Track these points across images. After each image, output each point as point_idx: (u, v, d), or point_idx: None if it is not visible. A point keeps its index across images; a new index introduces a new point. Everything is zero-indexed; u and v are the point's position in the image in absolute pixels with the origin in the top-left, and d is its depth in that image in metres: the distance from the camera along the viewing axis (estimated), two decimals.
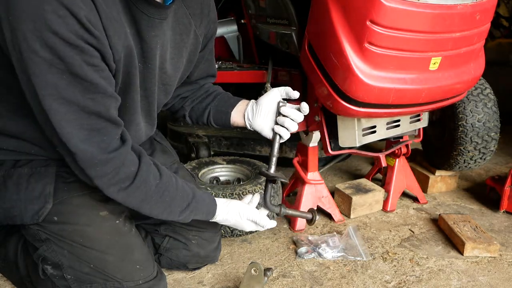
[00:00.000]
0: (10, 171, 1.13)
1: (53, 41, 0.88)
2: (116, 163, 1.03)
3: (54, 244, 1.14)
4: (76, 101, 0.95)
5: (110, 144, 1.02)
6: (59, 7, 0.86)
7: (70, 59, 0.91)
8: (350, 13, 1.34)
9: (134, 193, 1.09)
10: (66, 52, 0.90)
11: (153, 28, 1.09)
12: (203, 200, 1.24)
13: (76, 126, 0.97)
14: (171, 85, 1.28)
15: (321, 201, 1.83)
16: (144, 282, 1.19)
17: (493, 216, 1.93)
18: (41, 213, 1.12)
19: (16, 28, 0.87)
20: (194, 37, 1.27)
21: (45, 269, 1.16)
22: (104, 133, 1.01)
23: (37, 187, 1.11)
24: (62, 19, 0.87)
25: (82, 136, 0.98)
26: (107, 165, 1.02)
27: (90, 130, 0.99)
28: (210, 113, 1.42)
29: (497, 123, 1.89)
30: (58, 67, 0.91)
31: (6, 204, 1.13)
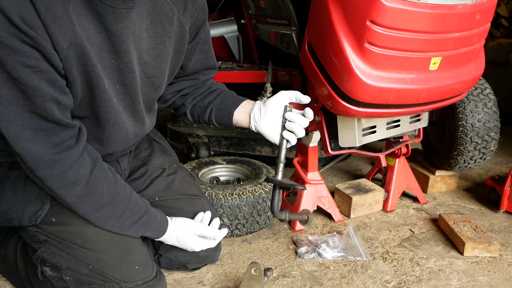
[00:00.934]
0: (7, 173, 1.13)
1: None
2: (64, 164, 1.01)
3: (52, 246, 1.14)
4: (14, 101, 0.93)
5: (58, 145, 1.00)
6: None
7: (4, 60, 0.89)
8: (350, 13, 1.34)
9: (85, 199, 1.07)
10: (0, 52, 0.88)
11: (120, 19, 1.03)
12: (155, 217, 1.23)
13: (19, 126, 0.96)
14: (158, 77, 1.22)
15: (321, 201, 1.83)
16: (143, 283, 1.19)
17: (493, 216, 1.93)
18: (39, 214, 1.12)
19: None
20: (179, 25, 1.20)
21: (44, 271, 1.16)
22: (50, 133, 0.99)
23: (34, 188, 1.11)
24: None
25: (26, 136, 0.97)
26: (54, 167, 1.01)
27: (35, 130, 0.97)
28: (212, 111, 1.39)
29: (497, 123, 1.89)
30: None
31: (4, 206, 1.13)
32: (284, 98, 1.31)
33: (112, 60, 1.06)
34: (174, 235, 1.29)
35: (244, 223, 1.65)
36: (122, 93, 1.13)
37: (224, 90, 1.44)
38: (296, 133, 1.29)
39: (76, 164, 1.04)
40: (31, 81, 0.93)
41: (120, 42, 1.05)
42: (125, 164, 1.37)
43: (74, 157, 1.03)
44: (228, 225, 1.64)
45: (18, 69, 0.90)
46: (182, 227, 1.30)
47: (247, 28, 2.11)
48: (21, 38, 0.88)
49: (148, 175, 1.42)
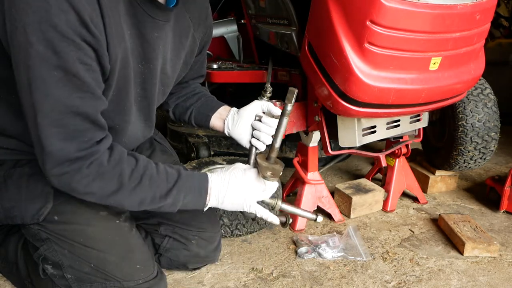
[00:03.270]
0: (11, 170, 1.14)
1: (51, 34, 0.87)
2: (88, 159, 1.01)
3: (54, 244, 1.14)
4: (64, 99, 0.93)
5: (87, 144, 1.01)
6: (63, 2, 0.86)
7: (64, 55, 0.89)
8: (350, 13, 1.34)
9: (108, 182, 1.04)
10: (62, 47, 0.89)
11: (157, 29, 1.09)
12: (191, 176, 1.16)
13: (59, 125, 0.96)
14: (169, 86, 1.30)
15: (321, 201, 1.83)
16: (144, 282, 1.19)
17: (493, 216, 1.93)
18: (42, 212, 1.12)
19: (17, 19, 0.87)
20: (192, 39, 1.29)
21: (45, 269, 1.16)
22: (85, 135, 0.99)
23: (37, 186, 1.11)
24: (64, 13, 0.86)
25: (62, 135, 0.96)
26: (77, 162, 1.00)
27: (72, 130, 0.97)
28: (192, 113, 1.48)
29: (497, 123, 1.89)
30: (50, 62, 0.89)
31: (7, 204, 1.13)
32: (256, 108, 1.41)
33: (139, 64, 1.11)
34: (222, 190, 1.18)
35: (244, 223, 1.65)
36: (140, 96, 1.18)
37: (205, 94, 1.53)
38: (262, 141, 1.37)
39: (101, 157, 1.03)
40: (86, 78, 0.94)
41: (151, 50, 1.11)
42: None
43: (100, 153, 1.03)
44: (228, 225, 1.64)
45: (77, 65, 0.92)
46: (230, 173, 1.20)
47: (247, 28, 2.11)
48: (84, 37, 0.90)
49: None
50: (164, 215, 1.39)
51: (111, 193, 1.05)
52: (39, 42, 0.87)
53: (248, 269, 1.50)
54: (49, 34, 0.87)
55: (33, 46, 0.87)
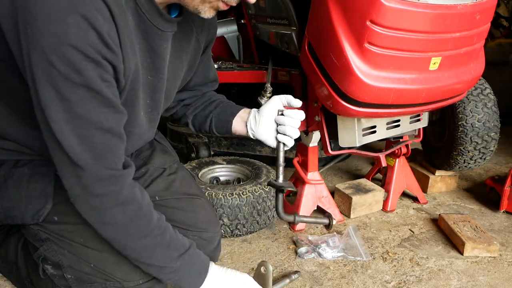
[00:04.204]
0: (11, 170, 1.13)
1: (72, 54, 0.86)
2: (123, 182, 1.01)
3: (54, 244, 1.14)
4: (90, 117, 0.93)
5: (118, 163, 1.00)
6: (82, 21, 0.85)
7: (87, 72, 0.89)
8: (350, 13, 1.34)
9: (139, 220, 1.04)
10: (84, 65, 0.88)
11: (165, 40, 1.10)
12: (199, 253, 1.19)
13: (87, 142, 0.95)
14: (172, 90, 1.29)
15: (321, 201, 1.83)
16: (144, 282, 1.19)
17: (493, 216, 1.93)
18: (42, 213, 1.12)
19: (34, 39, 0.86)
20: (196, 43, 1.27)
21: (45, 269, 1.16)
22: (113, 150, 0.99)
23: (37, 187, 1.11)
24: (84, 32, 0.86)
25: (92, 154, 0.95)
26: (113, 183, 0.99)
27: (100, 147, 0.96)
28: (212, 121, 1.42)
29: (497, 123, 1.89)
30: (73, 81, 0.89)
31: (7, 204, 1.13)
32: (277, 103, 1.34)
33: (148, 76, 1.10)
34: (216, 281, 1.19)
35: (244, 223, 1.65)
36: (150, 107, 1.18)
37: (223, 100, 1.48)
38: (289, 135, 1.30)
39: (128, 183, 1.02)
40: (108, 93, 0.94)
41: (161, 61, 1.12)
42: None
43: (130, 176, 1.03)
44: (228, 225, 1.64)
45: (99, 82, 0.92)
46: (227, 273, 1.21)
47: (247, 28, 2.11)
48: (104, 54, 0.90)
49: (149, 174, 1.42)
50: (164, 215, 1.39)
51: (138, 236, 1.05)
52: (60, 62, 0.87)
53: (248, 269, 1.50)
54: (70, 54, 0.86)
55: (55, 66, 0.87)
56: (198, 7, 1.04)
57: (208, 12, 1.06)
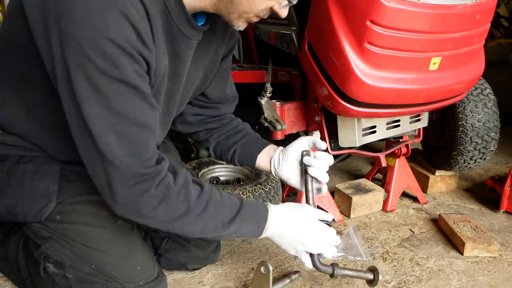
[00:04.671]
0: (14, 166, 1.13)
1: (110, 48, 0.87)
2: (155, 179, 1.00)
3: (56, 243, 1.14)
4: (125, 111, 0.93)
5: (152, 159, 1.00)
6: (120, 17, 0.86)
7: (124, 67, 0.89)
8: (350, 13, 1.34)
9: (175, 206, 1.03)
10: (121, 60, 0.89)
11: (189, 48, 1.11)
12: (252, 205, 1.17)
13: (123, 138, 0.94)
14: (185, 97, 1.29)
15: (321, 201, 1.83)
16: (145, 283, 1.19)
17: (493, 216, 1.93)
18: (44, 211, 1.11)
19: (68, 33, 0.86)
20: (214, 53, 1.27)
21: (46, 267, 1.16)
22: (148, 147, 0.99)
23: (41, 185, 1.11)
24: (122, 28, 0.87)
25: (127, 150, 0.95)
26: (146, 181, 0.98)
27: (136, 143, 0.96)
28: (235, 152, 1.42)
29: (497, 123, 1.89)
30: (110, 75, 0.89)
31: (9, 201, 1.13)
32: (303, 144, 1.34)
33: (167, 81, 1.11)
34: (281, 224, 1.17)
35: None
36: (163, 111, 1.18)
37: (248, 132, 1.47)
38: (319, 179, 1.30)
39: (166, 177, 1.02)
40: (145, 88, 0.95)
41: (182, 67, 1.12)
42: None
43: (164, 170, 1.02)
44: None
45: (135, 77, 0.92)
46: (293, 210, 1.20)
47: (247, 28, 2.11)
48: (140, 50, 0.91)
49: None
50: None
51: (177, 217, 1.04)
52: (97, 55, 0.87)
53: (248, 269, 1.50)
54: (108, 48, 0.86)
55: (91, 59, 0.86)
56: (234, 20, 1.07)
57: (242, 26, 1.09)
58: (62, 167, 1.13)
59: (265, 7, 1.04)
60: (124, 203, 0.99)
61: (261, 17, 1.08)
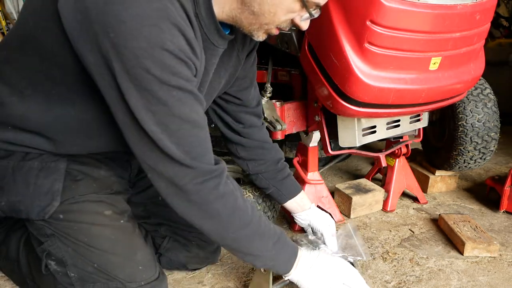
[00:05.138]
0: (20, 163, 1.13)
1: (167, 57, 0.88)
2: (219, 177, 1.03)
3: (59, 241, 1.14)
4: (186, 116, 0.95)
5: (212, 158, 1.04)
6: (172, 27, 0.88)
7: (181, 74, 0.92)
8: (350, 13, 1.34)
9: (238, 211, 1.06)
10: (178, 68, 0.90)
11: (214, 56, 1.12)
12: (288, 239, 1.21)
13: (186, 143, 0.97)
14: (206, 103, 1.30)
15: (321, 201, 1.83)
16: (146, 283, 1.19)
17: (493, 216, 1.93)
18: (48, 210, 1.12)
19: (120, 45, 0.86)
20: (236, 59, 1.29)
21: (48, 264, 1.16)
22: (208, 147, 1.03)
23: (46, 183, 1.11)
24: (174, 37, 0.88)
25: (192, 153, 0.98)
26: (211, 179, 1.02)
27: (199, 146, 1.00)
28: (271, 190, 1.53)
29: (497, 123, 1.89)
30: (169, 84, 0.90)
31: (13, 198, 1.13)
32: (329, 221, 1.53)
33: None
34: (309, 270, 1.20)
35: None
36: None
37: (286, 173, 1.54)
38: None
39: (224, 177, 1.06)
40: (197, 93, 0.98)
41: (206, 75, 1.13)
42: (135, 163, 1.38)
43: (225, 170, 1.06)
44: None
45: (191, 82, 0.95)
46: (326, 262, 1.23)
47: None
48: (191, 58, 0.93)
49: None
50: (164, 216, 1.39)
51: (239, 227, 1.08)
52: (156, 66, 0.88)
53: (248, 269, 1.50)
54: (164, 57, 0.88)
55: (150, 71, 0.88)
56: (253, 31, 1.08)
57: (262, 37, 1.10)
58: (67, 166, 1.13)
59: (286, 19, 1.05)
60: (191, 201, 1.02)
61: (281, 29, 1.09)
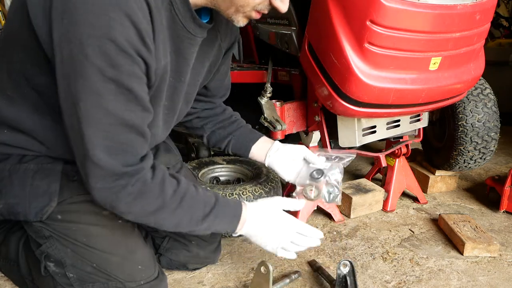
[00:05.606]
0: (16, 166, 1.13)
1: (109, 47, 0.87)
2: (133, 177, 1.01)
3: (57, 242, 1.14)
4: (116, 112, 0.94)
5: (134, 158, 1.01)
6: (123, 16, 0.86)
7: (121, 68, 0.90)
8: (350, 13, 1.34)
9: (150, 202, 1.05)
10: (119, 60, 0.89)
11: (193, 45, 1.11)
12: (227, 202, 1.19)
13: (108, 137, 0.95)
14: (192, 94, 1.30)
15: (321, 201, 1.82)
16: (145, 283, 1.19)
17: (493, 216, 1.93)
18: (45, 211, 1.12)
19: (70, 30, 0.86)
20: (218, 49, 1.29)
21: (47, 266, 1.16)
22: (134, 148, 1.00)
23: (42, 184, 1.11)
24: (124, 28, 0.87)
25: (111, 149, 0.96)
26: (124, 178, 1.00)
27: (121, 143, 0.97)
28: (230, 141, 1.48)
29: (497, 123, 1.89)
30: (107, 75, 0.89)
31: (11, 200, 1.13)
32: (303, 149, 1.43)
33: (170, 78, 1.11)
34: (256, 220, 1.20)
35: None
36: (167, 108, 1.19)
37: (243, 123, 1.53)
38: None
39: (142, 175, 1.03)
40: (140, 92, 0.95)
41: (186, 65, 1.13)
42: None
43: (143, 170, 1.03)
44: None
45: (131, 78, 0.93)
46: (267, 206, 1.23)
47: (247, 28, 2.11)
48: (140, 51, 0.91)
49: None
50: None
51: (151, 212, 1.06)
52: (96, 54, 0.87)
53: (248, 269, 1.50)
54: (107, 47, 0.87)
55: (89, 58, 0.87)
56: (232, 15, 1.06)
57: (242, 21, 1.09)
58: (63, 167, 1.13)
59: (262, 1, 1.04)
60: (101, 198, 1.01)
61: (260, 11, 1.07)
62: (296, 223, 1.25)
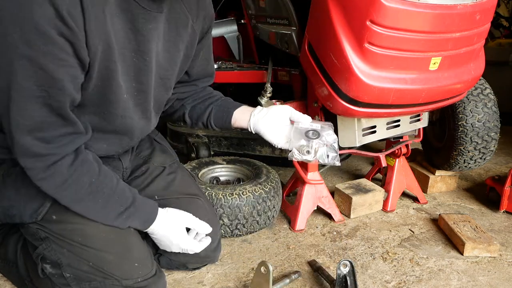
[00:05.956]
0: (10, 170, 1.14)
1: (26, 26, 0.89)
2: (52, 159, 1.03)
3: (53, 243, 1.14)
4: (30, 90, 0.95)
5: (52, 140, 1.02)
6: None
7: (34, 46, 0.91)
8: (350, 13, 1.34)
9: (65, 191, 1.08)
10: (33, 39, 0.90)
11: (150, 21, 1.10)
12: (144, 206, 1.22)
13: (25, 116, 0.97)
14: (169, 79, 1.28)
15: (321, 201, 1.83)
16: (142, 280, 1.19)
17: (493, 216, 1.93)
18: (40, 211, 1.12)
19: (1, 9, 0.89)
20: (192, 31, 1.28)
21: (44, 268, 1.16)
22: (51, 127, 1.01)
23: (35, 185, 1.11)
24: (41, 7, 0.88)
25: (28, 127, 0.98)
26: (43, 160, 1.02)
27: (38, 122, 0.99)
28: (211, 112, 1.43)
29: (497, 123, 1.89)
30: (22, 53, 0.91)
31: (6, 203, 1.13)
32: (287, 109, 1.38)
33: (133, 58, 1.11)
34: (163, 226, 1.26)
35: (244, 223, 1.65)
36: (136, 90, 1.18)
37: (222, 97, 1.50)
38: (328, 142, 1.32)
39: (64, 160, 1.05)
40: (56, 73, 0.95)
41: (146, 42, 1.11)
42: (127, 162, 1.38)
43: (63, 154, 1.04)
44: (228, 225, 1.64)
45: (48, 59, 0.93)
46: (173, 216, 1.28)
47: (247, 28, 2.11)
48: (61, 30, 0.91)
49: (149, 173, 1.43)
50: None
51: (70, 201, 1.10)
52: (14, 32, 0.89)
53: (248, 269, 1.50)
54: (24, 26, 0.89)
55: (8, 33, 0.89)
56: None
57: None
58: None
59: None
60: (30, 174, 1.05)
61: None
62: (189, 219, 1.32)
